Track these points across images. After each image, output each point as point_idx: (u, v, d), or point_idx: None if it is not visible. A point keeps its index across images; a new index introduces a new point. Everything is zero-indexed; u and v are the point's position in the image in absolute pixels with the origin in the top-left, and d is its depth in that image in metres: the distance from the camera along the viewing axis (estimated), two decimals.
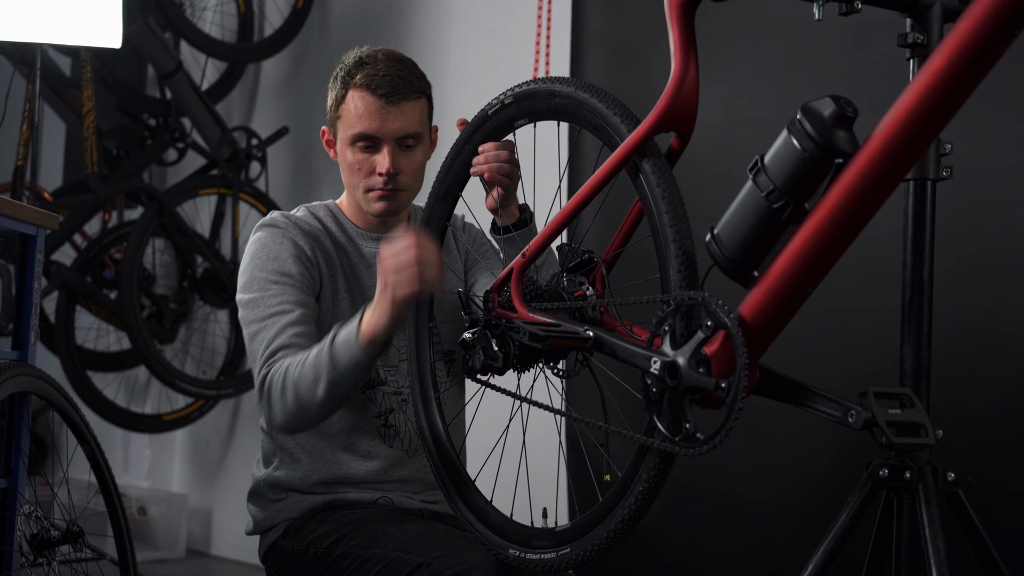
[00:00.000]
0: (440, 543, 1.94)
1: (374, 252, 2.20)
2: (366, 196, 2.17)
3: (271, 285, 2.10)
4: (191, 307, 4.52)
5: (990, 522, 1.66)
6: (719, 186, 1.56)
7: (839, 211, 1.42)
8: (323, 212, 2.26)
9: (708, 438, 1.50)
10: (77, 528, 2.38)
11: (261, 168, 4.48)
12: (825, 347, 2.75)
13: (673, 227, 1.59)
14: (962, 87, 1.32)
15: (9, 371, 2.26)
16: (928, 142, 1.40)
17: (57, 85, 4.41)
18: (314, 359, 1.95)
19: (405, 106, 2.14)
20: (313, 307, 2.13)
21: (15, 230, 2.45)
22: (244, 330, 2.11)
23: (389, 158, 2.13)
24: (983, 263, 2.53)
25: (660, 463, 1.60)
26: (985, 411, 2.51)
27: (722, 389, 1.48)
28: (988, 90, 2.02)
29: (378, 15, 4.29)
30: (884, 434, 1.45)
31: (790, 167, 1.46)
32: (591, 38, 3.45)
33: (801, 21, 1.61)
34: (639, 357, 1.59)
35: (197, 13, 4.63)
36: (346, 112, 2.14)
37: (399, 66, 2.16)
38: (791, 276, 1.46)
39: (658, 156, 1.65)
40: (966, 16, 1.29)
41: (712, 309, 1.50)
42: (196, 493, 4.78)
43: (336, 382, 1.93)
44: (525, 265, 1.85)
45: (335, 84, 2.18)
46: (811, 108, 1.46)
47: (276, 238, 2.16)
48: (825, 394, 1.49)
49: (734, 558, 2.94)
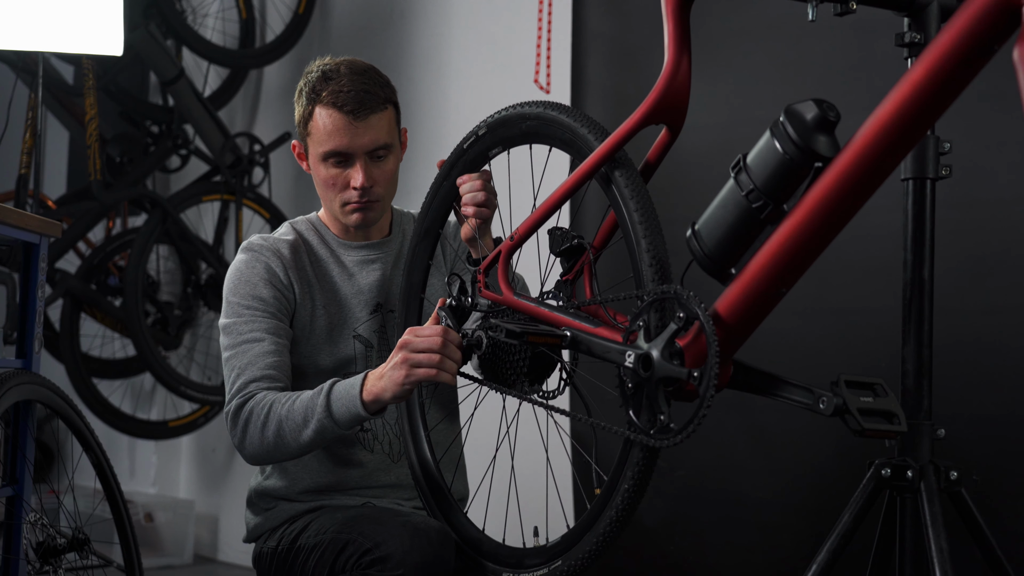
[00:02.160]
0: (373, 521, 1.98)
1: (354, 260, 2.27)
2: (343, 209, 2.21)
3: (243, 311, 2.16)
4: (195, 313, 4.53)
5: (993, 520, 1.66)
6: (717, 186, 1.57)
7: (815, 215, 1.43)
8: (304, 226, 2.31)
9: (681, 427, 1.52)
10: (83, 535, 2.38)
11: (264, 174, 4.49)
12: (826, 346, 2.75)
13: (643, 224, 1.63)
14: (940, 99, 1.34)
15: (13, 380, 2.27)
16: (907, 150, 1.41)
17: (60, 93, 4.42)
18: (307, 402, 1.99)
19: (372, 119, 2.16)
20: (284, 332, 2.17)
21: (19, 238, 2.46)
22: (222, 355, 2.17)
23: (362, 172, 2.17)
24: (984, 262, 2.53)
25: (643, 459, 1.62)
26: (987, 409, 2.51)
27: (695, 379, 1.49)
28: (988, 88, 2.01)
29: (379, 19, 4.29)
30: (856, 420, 1.46)
31: (770, 168, 1.48)
32: (592, 40, 3.46)
33: (800, 21, 1.61)
34: (614, 352, 1.61)
35: (199, 20, 4.63)
36: (315, 129, 2.18)
37: (362, 79, 2.17)
38: (766, 276, 1.48)
39: (630, 166, 1.69)
40: (945, 30, 1.30)
41: (684, 301, 1.52)
42: (202, 499, 4.78)
43: (327, 429, 1.98)
44: (512, 248, 1.87)
45: (301, 99, 2.22)
46: (794, 111, 1.47)
47: (250, 263, 2.20)
48: (797, 383, 1.52)
49: (738, 557, 2.94)
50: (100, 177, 4.18)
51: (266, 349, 2.12)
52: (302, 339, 2.21)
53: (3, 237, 2.43)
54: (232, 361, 2.13)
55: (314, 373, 2.21)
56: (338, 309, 2.24)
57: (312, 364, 2.22)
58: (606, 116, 3.36)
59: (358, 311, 2.24)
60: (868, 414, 1.48)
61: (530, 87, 3.54)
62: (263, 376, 2.09)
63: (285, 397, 2.03)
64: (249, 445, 2.06)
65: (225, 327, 2.17)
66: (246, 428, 2.05)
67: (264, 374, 2.09)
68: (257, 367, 2.10)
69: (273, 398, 2.04)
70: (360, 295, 2.25)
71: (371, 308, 2.25)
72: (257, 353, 2.11)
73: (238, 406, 2.07)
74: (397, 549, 1.89)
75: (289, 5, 4.59)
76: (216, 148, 4.38)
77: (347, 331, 2.23)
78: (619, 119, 1.70)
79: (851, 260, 2.47)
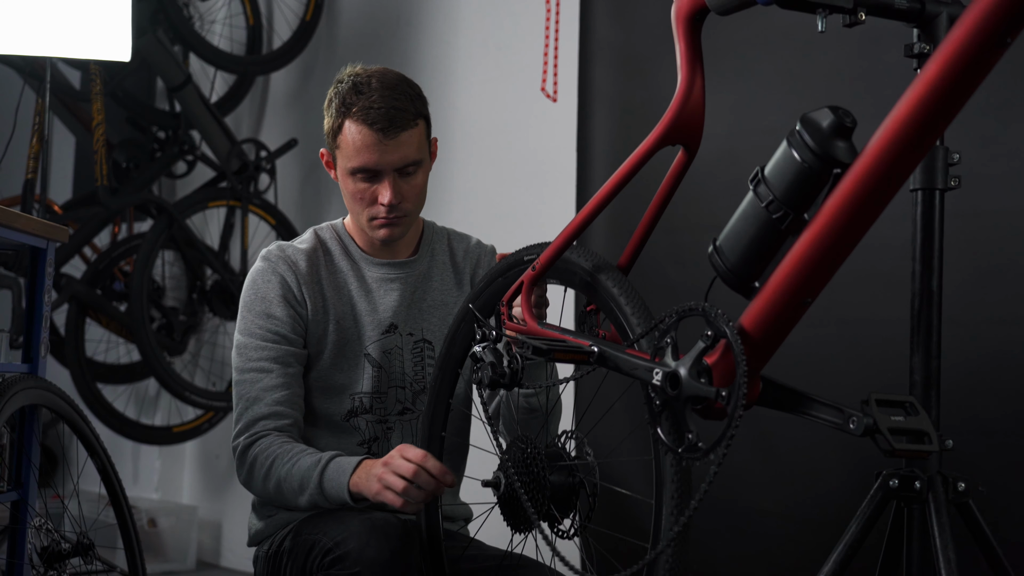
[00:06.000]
0: (337, 521, 1.99)
1: (375, 277, 2.26)
2: (370, 224, 2.20)
3: (256, 331, 2.18)
4: (201, 319, 4.53)
5: (1001, 532, 1.66)
6: (726, 196, 1.56)
7: (837, 221, 1.42)
8: (328, 234, 2.30)
9: (710, 447, 1.50)
10: (87, 540, 2.38)
11: (270, 180, 4.49)
12: (834, 357, 2.75)
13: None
14: (956, 95, 1.33)
15: (19, 384, 2.27)
16: (924, 151, 1.40)
17: (67, 98, 4.43)
18: (304, 472, 2.04)
19: (403, 136, 2.13)
20: (295, 358, 2.19)
21: (25, 243, 2.46)
22: (232, 369, 2.22)
23: (390, 189, 2.14)
24: (992, 272, 2.53)
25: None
26: (995, 420, 2.50)
27: (723, 398, 1.48)
28: (997, 99, 2.03)
29: (386, 26, 4.30)
30: (886, 441, 1.44)
31: (789, 178, 1.47)
32: (599, 48, 3.46)
33: (808, 31, 1.60)
34: (641, 369, 1.60)
35: (206, 26, 4.64)
36: (344, 143, 2.15)
37: (393, 94, 2.13)
38: (790, 286, 1.46)
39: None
40: (958, 25, 1.29)
41: (712, 319, 1.50)
42: (206, 505, 4.78)
43: (318, 503, 2.04)
44: (535, 278, 1.85)
45: (330, 109, 2.18)
46: (810, 119, 1.47)
47: (265, 276, 2.21)
48: (826, 401, 1.49)
49: (744, 568, 2.93)
50: (106, 182, 4.18)
51: (274, 383, 2.15)
52: (313, 355, 2.22)
53: (9, 242, 2.44)
54: (240, 388, 2.17)
55: (324, 388, 2.22)
56: (351, 325, 2.23)
57: (321, 380, 2.22)
58: (613, 125, 3.36)
59: (370, 330, 2.23)
60: (899, 433, 1.46)
61: (537, 95, 3.54)
62: (271, 414, 2.14)
63: (287, 456, 2.07)
64: (253, 488, 2.16)
65: (238, 345, 2.20)
66: (251, 473, 2.13)
67: (272, 411, 2.14)
68: (264, 403, 2.14)
69: (277, 453, 2.08)
70: (375, 314, 2.24)
71: (384, 328, 2.25)
72: (264, 387, 2.15)
73: (245, 447, 2.14)
74: (354, 547, 1.90)
75: (296, 12, 4.60)
76: (222, 154, 4.38)
77: (359, 349, 2.23)
78: (626, 128, 1.70)
79: (859, 271, 2.46)
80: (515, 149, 3.68)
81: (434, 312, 2.29)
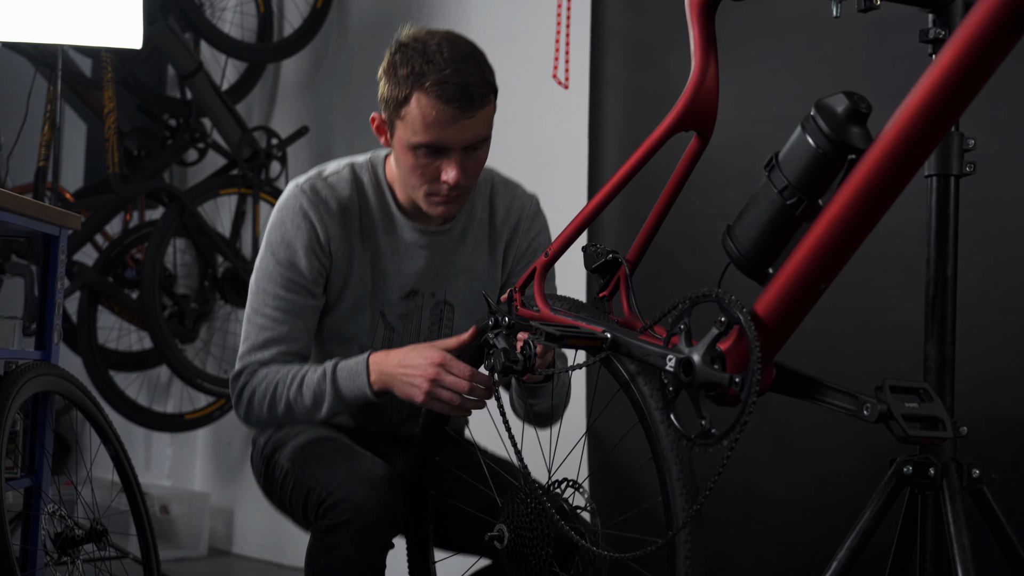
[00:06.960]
0: (328, 466, 2.04)
1: (407, 239, 2.19)
2: (427, 199, 2.08)
3: (277, 277, 2.15)
4: (212, 306, 4.53)
5: (1015, 519, 1.65)
6: (738, 183, 1.56)
7: (852, 207, 1.41)
8: (368, 178, 2.18)
9: (723, 433, 1.50)
10: (101, 527, 2.39)
11: (281, 168, 4.49)
12: (848, 344, 2.74)
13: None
14: (972, 81, 1.32)
15: (33, 371, 2.27)
16: (940, 136, 1.39)
17: (78, 86, 4.43)
18: (315, 387, 2.07)
19: (480, 114, 2.01)
20: (311, 308, 2.17)
21: (38, 231, 2.47)
22: (247, 300, 2.20)
23: (456, 168, 2.02)
24: (1007, 259, 2.51)
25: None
26: (1010, 407, 2.50)
27: (736, 384, 1.47)
28: (1013, 85, 2.02)
29: (397, 13, 4.29)
30: (900, 427, 1.44)
31: (804, 163, 1.46)
32: (611, 36, 3.44)
33: (821, 17, 1.60)
34: (655, 355, 1.60)
35: (217, 14, 4.63)
36: (411, 117, 1.99)
37: (468, 66, 1.99)
38: (805, 272, 1.46)
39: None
40: (974, 10, 1.28)
41: (726, 305, 1.50)
42: (218, 492, 4.79)
43: (339, 410, 2.10)
44: (547, 264, 1.85)
45: (394, 76, 2.02)
46: (825, 104, 1.46)
47: (296, 219, 2.15)
48: (840, 388, 1.49)
49: (757, 556, 2.93)
50: (118, 170, 4.18)
51: (283, 334, 2.14)
52: (329, 302, 2.19)
53: (22, 229, 2.44)
54: (249, 328, 2.17)
55: (334, 335, 2.23)
56: (373, 282, 2.18)
57: (332, 327, 2.22)
58: (624, 112, 3.35)
59: (392, 292, 2.19)
60: (913, 420, 1.46)
61: (548, 82, 3.53)
62: (271, 361, 2.15)
63: (288, 379, 2.10)
64: (253, 419, 2.17)
65: (256, 287, 2.17)
66: (250, 404, 2.15)
67: (273, 359, 2.15)
68: (269, 352, 2.15)
69: (276, 379, 2.11)
70: (399, 276, 2.19)
71: (405, 292, 2.20)
72: (272, 337, 2.14)
73: (243, 384, 2.15)
74: (344, 496, 1.96)
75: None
76: (234, 142, 4.38)
77: (376, 308, 2.20)
78: (638, 115, 1.69)
79: (873, 257, 2.45)
80: (527, 136, 3.67)
81: (460, 276, 2.24)
